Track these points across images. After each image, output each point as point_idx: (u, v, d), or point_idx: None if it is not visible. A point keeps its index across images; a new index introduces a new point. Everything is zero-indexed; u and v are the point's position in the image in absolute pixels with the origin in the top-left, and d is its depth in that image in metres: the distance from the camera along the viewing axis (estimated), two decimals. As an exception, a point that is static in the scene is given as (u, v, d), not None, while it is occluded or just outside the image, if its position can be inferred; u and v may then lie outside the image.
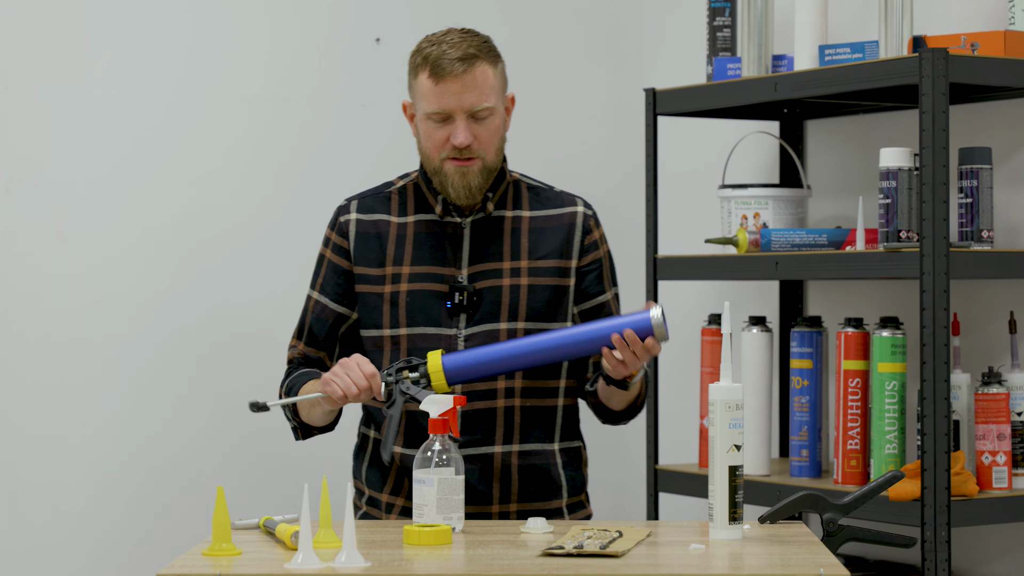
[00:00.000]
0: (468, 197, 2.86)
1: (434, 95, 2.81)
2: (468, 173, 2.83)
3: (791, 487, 3.45)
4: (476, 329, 2.84)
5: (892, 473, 2.63)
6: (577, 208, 2.96)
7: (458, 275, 2.88)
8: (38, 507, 3.74)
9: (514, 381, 2.85)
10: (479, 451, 2.83)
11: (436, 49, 2.82)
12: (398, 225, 2.92)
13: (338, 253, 2.96)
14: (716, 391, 2.49)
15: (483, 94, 2.82)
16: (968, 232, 3.34)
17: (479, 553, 2.37)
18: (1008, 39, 3.29)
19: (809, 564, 2.28)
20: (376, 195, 2.98)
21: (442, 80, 2.80)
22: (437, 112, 2.82)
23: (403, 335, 2.85)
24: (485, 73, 2.82)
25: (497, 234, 2.90)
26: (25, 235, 3.74)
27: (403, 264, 2.89)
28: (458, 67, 2.79)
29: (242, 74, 3.97)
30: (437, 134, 2.84)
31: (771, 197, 3.74)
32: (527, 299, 2.86)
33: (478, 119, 2.83)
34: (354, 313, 2.93)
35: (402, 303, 2.86)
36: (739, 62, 3.70)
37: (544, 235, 2.91)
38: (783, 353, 3.91)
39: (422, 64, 2.83)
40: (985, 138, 3.52)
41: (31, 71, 3.75)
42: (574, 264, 2.92)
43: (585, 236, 2.94)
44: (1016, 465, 3.36)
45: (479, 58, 2.82)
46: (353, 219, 2.95)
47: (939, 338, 3.16)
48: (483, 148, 2.84)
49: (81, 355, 3.79)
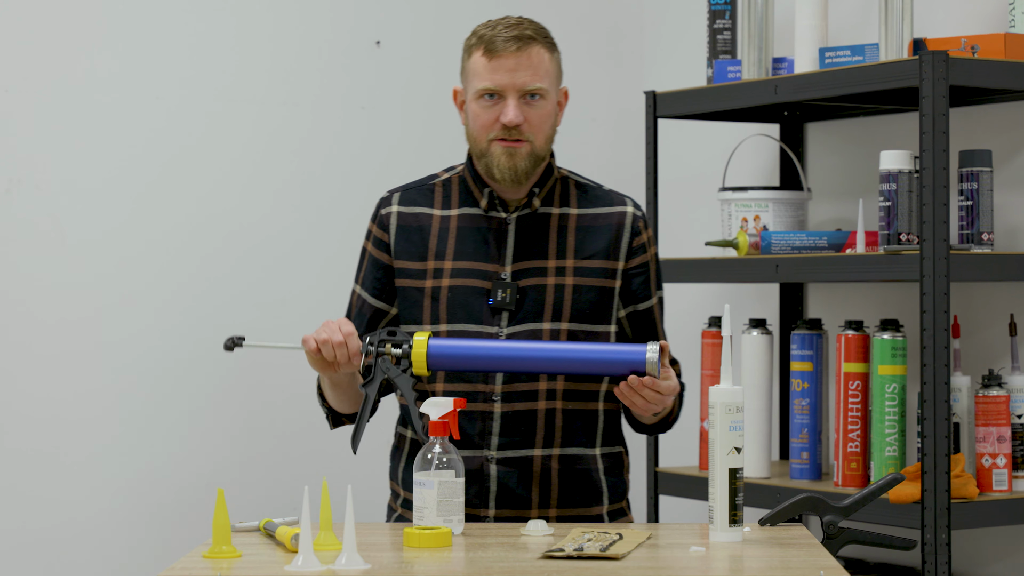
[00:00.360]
0: (513, 180, 2.77)
1: (487, 72, 2.75)
2: (516, 155, 2.76)
3: (791, 489, 3.45)
4: (518, 328, 2.77)
5: (892, 476, 2.63)
6: (627, 208, 2.88)
7: (501, 272, 2.80)
8: (38, 510, 3.74)
9: (556, 383, 2.78)
10: (518, 454, 2.77)
11: (491, 31, 2.76)
12: (441, 218, 2.84)
13: (378, 247, 2.88)
14: (716, 394, 2.48)
15: (536, 75, 2.76)
16: (968, 235, 3.34)
17: (479, 556, 2.37)
18: (1008, 42, 3.29)
19: (809, 566, 2.27)
20: (419, 187, 2.90)
21: (496, 56, 2.74)
22: (488, 89, 2.74)
23: (443, 331, 2.78)
24: (540, 55, 2.77)
25: (543, 231, 2.82)
26: (25, 238, 3.74)
27: (445, 259, 2.81)
28: (512, 45, 2.73)
29: (242, 78, 3.97)
30: (487, 114, 2.76)
31: (771, 200, 3.74)
32: (572, 299, 2.79)
33: (530, 101, 2.76)
34: (393, 308, 2.86)
35: (443, 299, 2.79)
36: (739, 65, 3.70)
37: (591, 234, 2.84)
38: (783, 356, 3.91)
39: (476, 44, 2.78)
40: (985, 141, 3.52)
41: (32, 72, 3.75)
42: (621, 266, 2.84)
43: (634, 238, 2.86)
44: (1016, 467, 3.35)
45: (535, 40, 2.76)
46: (395, 211, 2.87)
47: (939, 341, 3.16)
48: (533, 131, 2.77)
49: (81, 361, 3.79)
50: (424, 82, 4.17)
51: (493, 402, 2.75)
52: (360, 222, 4.02)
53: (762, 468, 3.64)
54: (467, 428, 2.77)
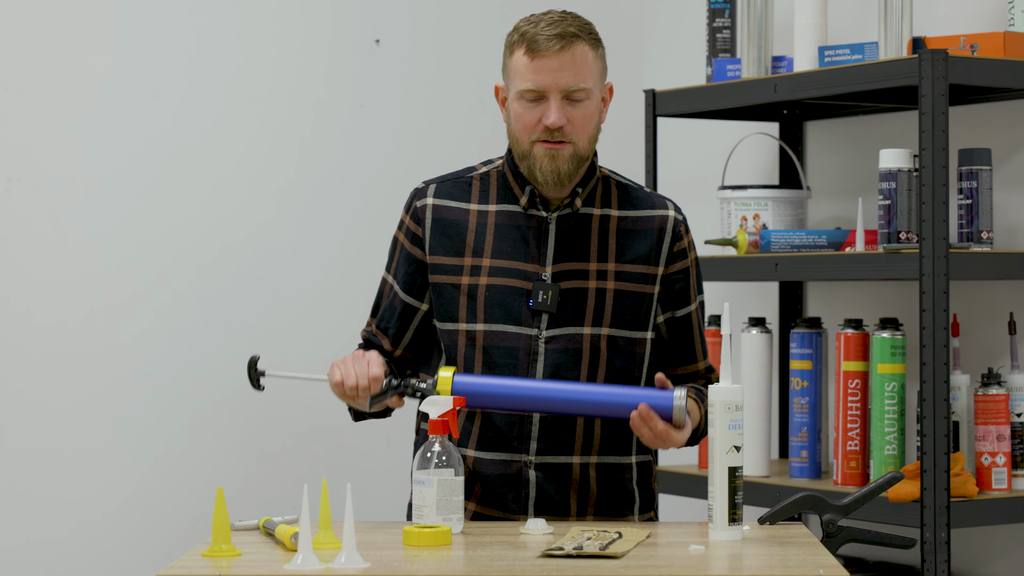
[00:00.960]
0: (556, 183, 2.70)
1: (529, 72, 2.67)
2: (558, 157, 2.69)
3: (791, 488, 3.45)
4: (558, 332, 2.71)
5: (892, 474, 2.63)
6: (668, 212, 2.80)
7: (542, 272, 2.73)
8: (37, 510, 3.74)
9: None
10: (557, 460, 2.72)
11: (534, 27, 2.68)
12: (479, 213, 2.77)
13: (411, 240, 2.79)
14: (716, 392, 2.48)
15: (580, 75, 2.69)
16: (968, 233, 3.34)
17: (479, 554, 2.37)
18: (1008, 40, 3.29)
19: (809, 565, 2.27)
20: (456, 180, 2.81)
21: (538, 56, 2.66)
22: (531, 90, 2.67)
23: (479, 331, 2.72)
24: (584, 54, 2.69)
25: (584, 232, 2.75)
26: (24, 238, 3.74)
27: (483, 256, 2.73)
28: (555, 44, 2.66)
29: (242, 77, 3.96)
30: (529, 115, 2.69)
31: (771, 198, 3.74)
32: (613, 304, 2.73)
33: (573, 101, 2.69)
34: (424, 304, 2.79)
35: (480, 297, 2.72)
36: (739, 63, 3.70)
37: (632, 237, 2.77)
38: (783, 354, 3.91)
39: (518, 41, 2.69)
40: (985, 139, 3.52)
41: (32, 72, 3.75)
42: (660, 271, 2.77)
43: (675, 243, 2.79)
44: (1016, 466, 3.35)
45: (579, 38, 2.69)
46: (430, 204, 2.78)
47: (939, 339, 3.16)
48: (576, 132, 2.70)
49: (80, 361, 3.79)
50: (424, 80, 4.16)
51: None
52: (361, 220, 4.04)
53: (761, 467, 3.64)
54: (506, 431, 2.72)
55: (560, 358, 2.71)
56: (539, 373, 2.70)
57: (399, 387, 2.61)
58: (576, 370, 2.71)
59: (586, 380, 2.72)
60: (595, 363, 2.72)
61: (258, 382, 2.67)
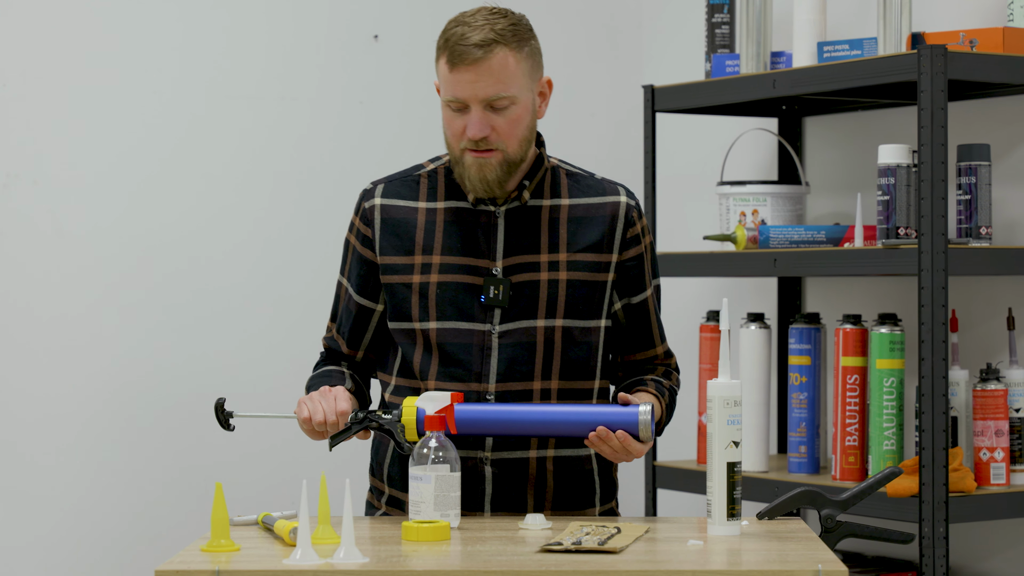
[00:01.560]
0: (485, 190, 2.68)
1: (449, 83, 2.64)
2: (485, 166, 2.66)
3: (789, 483, 3.45)
4: (511, 326, 2.70)
5: (890, 469, 2.63)
6: (620, 198, 2.78)
7: (492, 267, 2.71)
8: (38, 504, 3.74)
9: (550, 382, 2.72)
10: (513, 455, 2.71)
11: (457, 31, 2.64)
12: (427, 211, 2.75)
13: (362, 242, 2.78)
14: (714, 388, 2.48)
15: (500, 83, 2.63)
16: (966, 229, 3.34)
17: (477, 549, 2.37)
18: (1007, 36, 3.29)
19: (807, 560, 2.27)
20: (403, 179, 2.79)
21: (456, 68, 2.62)
22: (453, 100, 2.65)
23: (432, 329, 2.70)
24: (504, 60, 2.63)
25: (534, 224, 2.73)
26: (23, 232, 3.74)
27: (433, 253, 2.72)
28: (473, 54, 2.61)
29: (241, 72, 3.96)
30: (456, 123, 2.67)
31: (769, 194, 3.74)
32: (566, 295, 2.71)
33: (496, 109, 2.64)
34: (379, 305, 2.78)
35: (432, 295, 2.71)
36: (738, 59, 3.69)
37: (584, 225, 2.75)
38: (781, 350, 3.91)
39: (442, 47, 2.66)
40: (984, 135, 3.52)
41: (30, 68, 3.75)
42: (614, 259, 2.75)
43: (628, 229, 2.76)
44: (1014, 461, 3.35)
45: (498, 44, 2.62)
46: (378, 204, 2.77)
47: (937, 335, 3.16)
48: (502, 140, 2.65)
49: (78, 354, 3.79)
50: (423, 76, 4.15)
51: (487, 402, 2.71)
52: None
53: (760, 462, 3.64)
54: None
55: (514, 352, 2.70)
56: (493, 368, 2.69)
57: (363, 421, 2.60)
58: (531, 363, 2.70)
59: (541, 373, 2.71)
60: (549, 355, 2.71)
61: (227, 423, 2.66)
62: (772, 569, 2.26)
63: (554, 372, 2.72)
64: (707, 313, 3.80)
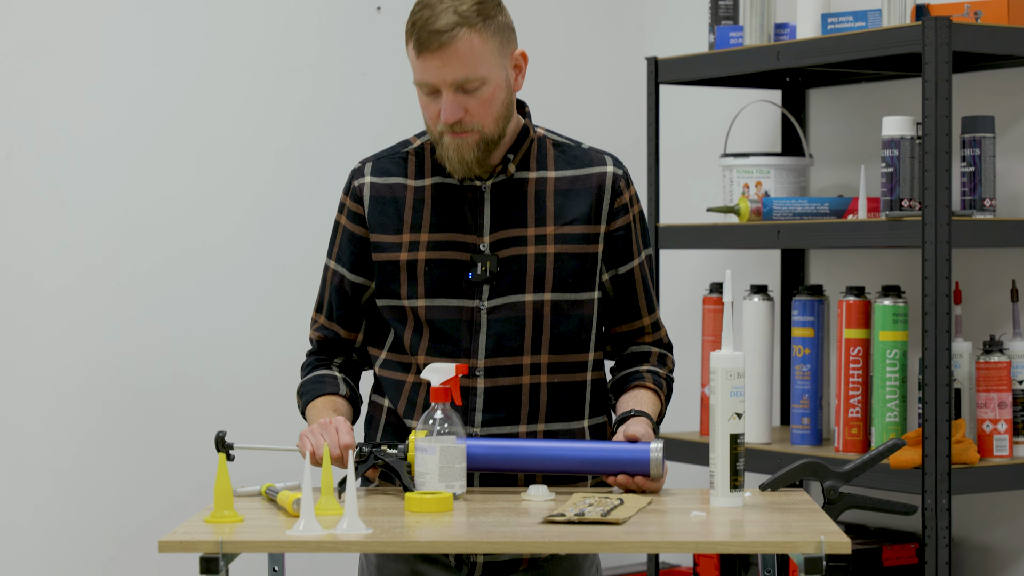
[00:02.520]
0: (464, 170, 2.67)
1: (418, 68, 2.63)
2: (463, 146, 2.64)
3: (792, 455, 3.45)
4: (500, 301, 2.68)
5: (893, 441, 2.62)
6: (607, 168, 2.74)
7: (480, 243, 2.69)
8: (40, 477, 3.75)
9: (540, 357, 2.69)
10: (503, 431, 2.68)
11: (423, 15, 2.61)
12: (415, 189, 2.73)
13: (353, 220, 2.75)
14: (717, 359, 2.48)
15: (467, 66, 2.60)
16: (970, 201, 3.33)
17: (480, 520, 2.36)
18: (1012, 7, 3.28)
19: (810, 531, 2.27)
20: (391, 156, 2.77)
21: (422, 54, 2.60)
22: (423, 84, 2.64)
23: (421, 306, 2.69)
24: (470, 42, 2.59)
25: (520, 198, 2.71)
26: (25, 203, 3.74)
27: (421, 231, 2.70)
28: (437, 39, 2.58)
29: (243, 43, 3.95)
30: (431, 107, 2.65)
31: (773, 166, 3.73)
32: (554, 268, 2.68)
33: (467, 90, 2.62)
34: (372, 283, 2.75)
35: (420, 272, 2.69)
36: (741, 31, 3.68)
37: (571, 197, 2.72)
38: (784, 322, 3.91)
39: (409, 32, 2.63)
40: (988, 107, 3.50)
41: (32, 40, 3.74)
42: (603, 229, 2.72)
43: (615, 199, 2.73)
44: (1017, 433, 3.35)
45: (462, 26, 2.59)
46: (367, 182, 2.75)
47: (941, 307, 3.15)
48: (476, 120, 2.63)
49: (81, 325, 3.79)
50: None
51: (476, 377, 2.68)
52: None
53: (763, 434, 3.64)
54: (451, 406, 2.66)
55: (503, 328, 2.68)
56: (481, 344, 2.67)
57: (368, 459, 2.58)
58: (519, 338, 2.68)
59: (531, 347, 2.69)
60: (539, 329, 2.69)
61: (228, 455, 2.63)
62: (775, 540, 2.26)
63: (543, 346, 2.70)
64: (710, 285, 3.79)
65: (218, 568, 2.21)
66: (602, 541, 2.23)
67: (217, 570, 2.21)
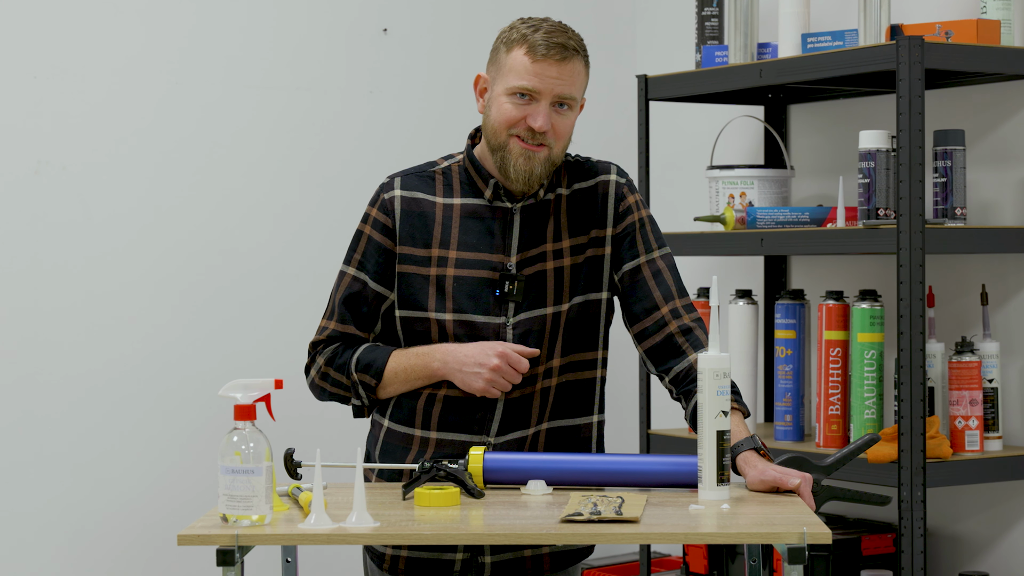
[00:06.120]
0: (526, 183, 2.67)
1: (528, 72, 2.63)
2: (534, 159, 2.65)
3: (775, 450, 3.45)
4: (524, 316, 2.68)
5: (870, 436, 2.63)
6: (610, 177, 2.76)
7: (507, 262, 2.69)
8: (65, 474, 3.75)
9: (553, 361, 2.70)
10: (514, 436, 2.69)
11: (537, 33, 2.65)
12: (444, 206, 2.72)
13: (381, 231, 2.73)
14: (705, 360, 2.48)
15: (573, 86, 2.66)
16: (943, 210, 3.34)
17: (487, 514, 2.37)
18: (980, 27, 3.29)
19: (793, 523, 2.28)
20: (419, 174, 2.76)
21: (540, 60, 2.63)
22: (526, 88, 2.63)
23: (448, 320, 2.67)
24: (579, 69, 2.67)
25: (543, 218, 2.72)
26: (54, 216, 3.75)
27: (450, 248, 2.70)
28: (561, 52, 2.64)
29: (255, 64, 3.96)
30: (514, 111, 2.64)
31: (756, 177, 3.74)
32: (570, 279, 2.70)
33: (559, 109, 2.66)
34: (392, 294, 2.73)
35: (448, 288, 2.68)
36: (726, 50, 3.69)
37: (580, 209, 2.74)
38: (768, 324, 3.92)
39: (519, 40, 2.65)
40: (959, 121, 3.52)
41: (58, 60, 3.75)
42: (609, 232, 2.74)
43: (619, 203, 2.75)
44: (987, 429, 3.36)
45: (578, 54, 2.67)
46: (398, 196, 2.73)
47: (915, 310, 3.16)
48: (554, 139, 2.66)
49: (109, 334, 3.79)
50: (431, 69, 4.16)
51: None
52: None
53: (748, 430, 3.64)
54: (469, 414, 2.68)
55: (523, 341, 2.68)
56: None
57: (431, 471, 2.55)
58: (536, 346, 2.68)
59: (547, 354, 2.69)
60: (555, 336, 2.70)
61: (295, 472, 2.62)
62: (760, 531, 2.27)
63: (557, 351, 2.71)
64: (698, 290, 3.80)
65: (234, 560, 2.21)
66: (596, 533, 2.24)
67: (233, 562, 2.21)
